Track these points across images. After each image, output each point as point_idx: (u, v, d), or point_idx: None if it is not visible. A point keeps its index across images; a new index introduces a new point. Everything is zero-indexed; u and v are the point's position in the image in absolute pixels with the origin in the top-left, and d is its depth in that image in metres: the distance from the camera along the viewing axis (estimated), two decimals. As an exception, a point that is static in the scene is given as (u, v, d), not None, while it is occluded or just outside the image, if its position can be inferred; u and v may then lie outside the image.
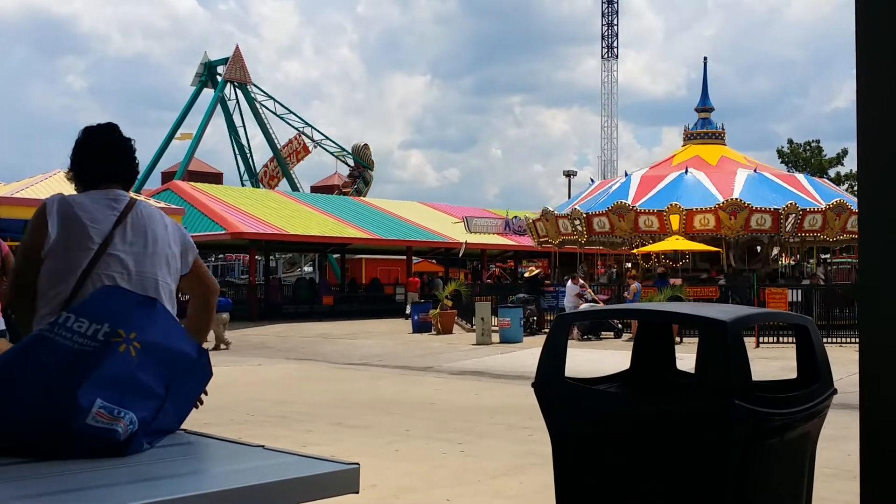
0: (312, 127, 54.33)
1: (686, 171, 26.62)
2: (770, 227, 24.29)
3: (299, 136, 53.30)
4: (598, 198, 27.84)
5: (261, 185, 50.52)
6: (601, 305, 19.51)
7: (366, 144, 54.90)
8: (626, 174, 29.41)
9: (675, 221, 24.41)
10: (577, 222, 27.16)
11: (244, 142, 53.60)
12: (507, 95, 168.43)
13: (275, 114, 53.02)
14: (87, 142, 3.02)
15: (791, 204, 23.96)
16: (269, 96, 53.40)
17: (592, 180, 34.23)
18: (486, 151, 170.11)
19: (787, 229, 24.17)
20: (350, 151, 54.32)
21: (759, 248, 27.17)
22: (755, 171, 26.54)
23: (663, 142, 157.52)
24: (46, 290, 2.71)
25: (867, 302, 1.85)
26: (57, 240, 2.79)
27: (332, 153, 54.92)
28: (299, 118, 54.17)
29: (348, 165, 54.55)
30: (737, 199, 24.07)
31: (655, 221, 25.05)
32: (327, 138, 54.78)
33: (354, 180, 54.30)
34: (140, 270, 2.81)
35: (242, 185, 50.68)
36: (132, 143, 3.11)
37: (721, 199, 24.34)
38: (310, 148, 53.55)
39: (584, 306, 19.68)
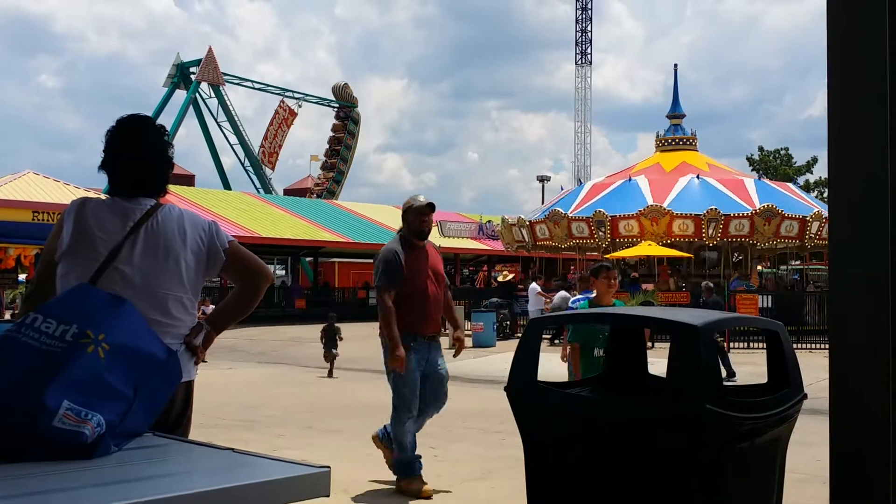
0: (293, 91, 55.40)
1: (630, 179, 26.93)
2: (693, 233, 24.64)
3: (283, 102, 53.89)
4: (604, 200, 28.00)
5: (263, 165, 51.53)
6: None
7: (346, 84, 56.08)
8: (581, 182, 29.74)
9: (711, 226, 24.54)
10: (523, 230, 27.49)
11: (216, 143, 53.42)
12: (484, 100, 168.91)
13: (253, 88, 54.29)
14: (115, 142, 2.88)
15: (711, 209, 24.20)
16: (243, 78, 54.28)
17: (562, 188, 34.50)
18: (462, 155, 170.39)
19: (710, 234, 24.43)
20: (333, 98, 55.40)
21: (714, 255, 27.51)
22: (698, 177, 26.76)
23: (639, 148, 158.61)
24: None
25: (837, 304, 1.86)
26: (68, 246, 2.75)
27: (316, 103, 56.01)
28: (277, 87, 55.37)
29: (333, 108, 55.50)
30: (655, 205, 24.43)
31: (585, 228, 25.50)
32: (308, 94, 55.92)
33: (344, 123, 54.95)
34: (148, 285, 2.74)
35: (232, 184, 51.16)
36: (166, 145, 2.96)
37: (745, 205, 24.66)
38: (296, 109, 54.50)
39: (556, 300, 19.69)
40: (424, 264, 6.04)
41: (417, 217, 6.07)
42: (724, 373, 10.38)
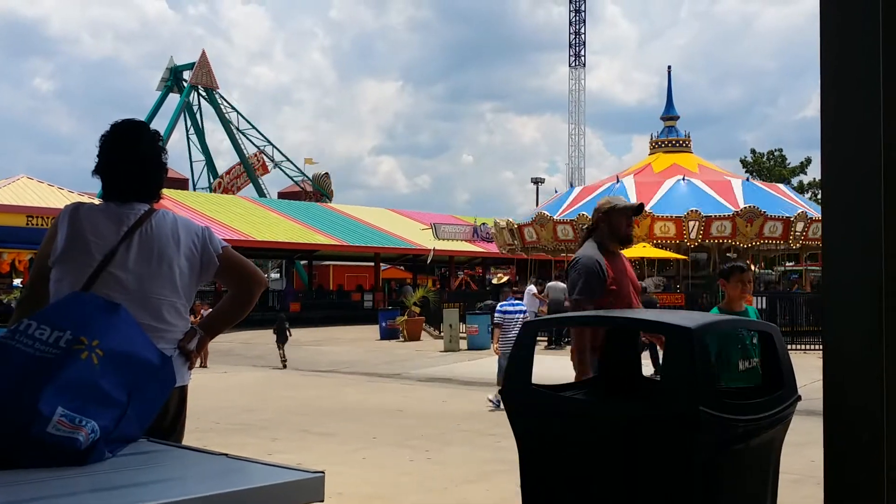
0: (274, 146, 53.99)
1: (683, 179, 26.82)
2: (780, 235, 24.61)
3: (259, 153, 52.91)
4: (591, 203, 27.86)
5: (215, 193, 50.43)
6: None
7: (326, 173, 54.57)
8: (618, 179, 29.37)
9: (693, 228, 24.49)
10: (512, 232, 27.51)
11: (209, 147, 53.26)
12: (479, 102, 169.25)
13: (237, 129, 52.68)
14: (109, 147, 2.88)
15: (802, 213, 24.41)
16: (233, 108, 53.17)
17: (556, 190, 34.52)
18: (457, 158, 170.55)
19: (795, 237, 24.53)
20: (311, 178, 53.91)
21: (704, 257, 27.59)
22: (748, 179, 26.95)
23: (633, 149, 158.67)
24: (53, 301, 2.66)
25: (831, 304, 1.86)
26: (63, 251, 2.74)
27: (291, 177, 54.37)
28: (262, 136, 53.89)
29: (306, 192, 53.57)
30: (753, 206, 24.32)
31: (672, 227, 24.97)
32: (288, 159, 54.29)
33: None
34: (142, 290, 2.74)
35: (211, 189, 50.45)
36: (160, 151, 2.95)
37: (729, 206, 24.64)
38: (269, 167, 53.16)
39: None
40: (626, 273, 5.21)
41: (623, 219, 5.12)
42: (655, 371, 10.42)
